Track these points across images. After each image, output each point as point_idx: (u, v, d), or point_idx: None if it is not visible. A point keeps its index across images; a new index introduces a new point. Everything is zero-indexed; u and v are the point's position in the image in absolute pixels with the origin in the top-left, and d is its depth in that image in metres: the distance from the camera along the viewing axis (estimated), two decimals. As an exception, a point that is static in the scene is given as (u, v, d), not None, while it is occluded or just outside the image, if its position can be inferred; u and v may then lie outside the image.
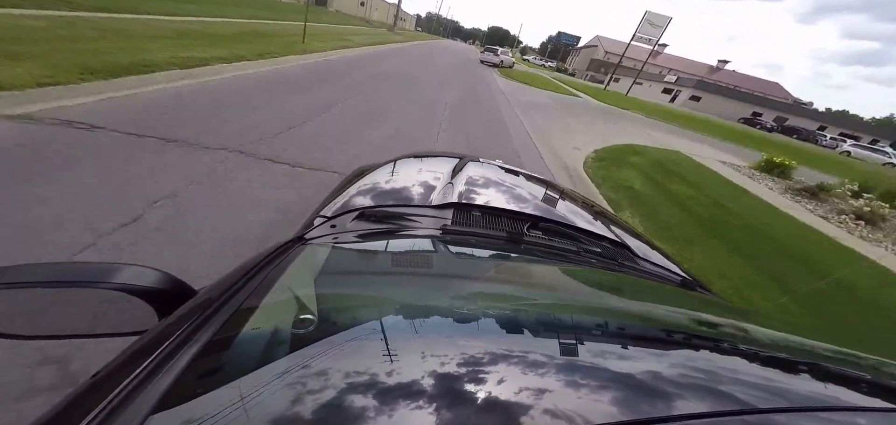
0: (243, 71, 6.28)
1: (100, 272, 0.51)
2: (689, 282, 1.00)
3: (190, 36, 7.56)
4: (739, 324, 0.69)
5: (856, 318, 3.18)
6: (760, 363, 0.50)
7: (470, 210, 1.03)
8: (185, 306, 0.52)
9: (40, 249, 1.76)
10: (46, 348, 1.34)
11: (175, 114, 3.75)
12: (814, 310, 3.12)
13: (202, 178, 2.72)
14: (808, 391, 0.44)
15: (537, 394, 0.35)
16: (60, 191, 2.18)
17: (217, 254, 2.03)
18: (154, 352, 0.39)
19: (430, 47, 31.24)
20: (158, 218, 2.19)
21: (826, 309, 3.20)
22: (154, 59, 5.09)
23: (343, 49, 12.47)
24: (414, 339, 0.44)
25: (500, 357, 0.41)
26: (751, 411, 0.35)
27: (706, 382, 0.41)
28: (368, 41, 17.91)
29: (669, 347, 0.53)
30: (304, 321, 0.47)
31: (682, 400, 0.36)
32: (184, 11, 10.31)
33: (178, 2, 11.44)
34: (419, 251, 0.81)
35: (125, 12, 7.97)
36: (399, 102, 7.22)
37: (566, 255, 0.88)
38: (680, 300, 0.85)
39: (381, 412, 0.32)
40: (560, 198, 1.40)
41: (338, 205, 1.06)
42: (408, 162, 1.52)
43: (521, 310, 0.59)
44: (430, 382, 0.36)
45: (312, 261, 0.68)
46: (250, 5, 17.49)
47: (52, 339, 0.55)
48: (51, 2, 6.61)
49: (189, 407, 0.34)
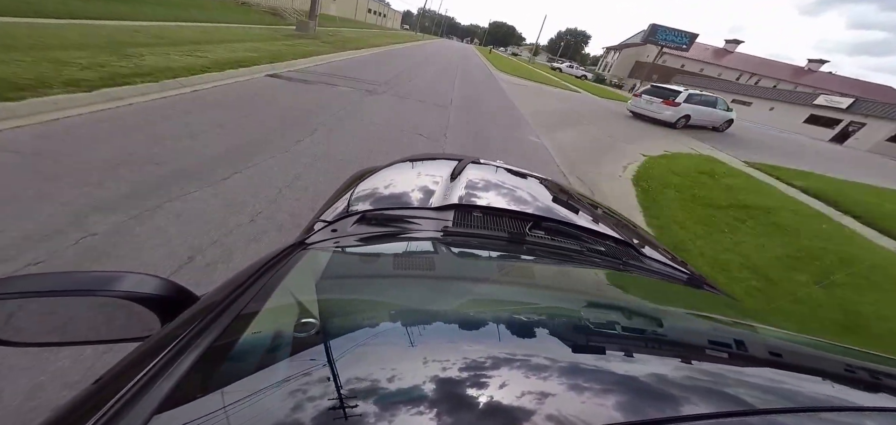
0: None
1: (103, 280, 0.52)
2: (695, 280, 0.99)
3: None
4: (747, 323, 0.68)
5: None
6: (767, 363, 0.50)
7: (471, 211, 1.03)
8: (188, 312, 0.52)
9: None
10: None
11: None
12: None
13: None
14: (815, 391, 0.44)
15: (541, 398, 0.35)
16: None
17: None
18: (156, 357, 0.39)
19: (404, 56, 17.32)
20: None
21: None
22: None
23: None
24: (416, 343, 0.44)
25: (502, 360, 0.40)
26: (757, 411, 0.35)
27: (712, 383, 0.41)
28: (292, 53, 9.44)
29: (675, 347, 0.52)
30: (305, 325, 0.47)
31: (687, 401, 0.36)
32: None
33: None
34: (420, 254, 0.81)
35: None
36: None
37: (569, 255, 0.87)
38: (686, 298, 0.84)
39: (382, 417, 0.32)
40: (562, 197, 1.39)
41: (338, 209, 1.06)
42: (408, 164, 1.52)
43: (524, 312, 0.58)
44: (433, 387, 0.36)
45: (313, 265, 0.68)
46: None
47: (57, 346, 0.56)
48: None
49: (190, 411, 0.34)
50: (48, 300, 0.50)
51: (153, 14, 10.97)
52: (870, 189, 7.92)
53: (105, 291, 0.51)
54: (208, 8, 15.08)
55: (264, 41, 10.97)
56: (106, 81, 4.29)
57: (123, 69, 4.93)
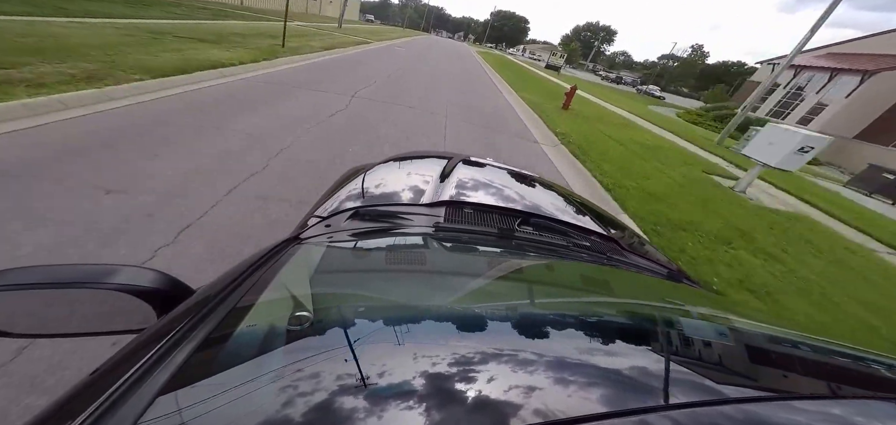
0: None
1: (99, 273, 0.52)
2: (675, 275, 1.02)
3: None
4: (724, 316, 0.70)
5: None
6: (744, 354, 0.52)
7: (462, 207, 1.04)
8: (184, 305, 0.53)
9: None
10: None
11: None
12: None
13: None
14: (789, 381, 0.46)
15: (527, 391, 0.36)
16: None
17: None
18: (152, 349, 0.40)
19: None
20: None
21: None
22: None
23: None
24: (407, 337, 0.45)
25: (491, 355, 0.42)
26: (735, 400, 0.37)
27: (691, 374, 0.42)
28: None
29: (656, 340, 0.54)
30: (298, 319, 0.48)
31: (667, 392, 0.38)
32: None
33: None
34: (412, 249, 0.82)
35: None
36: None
37: (556, 250, 0.89)
38: (667, 292, 0.86)
39: (373, 409, 0.33)
40: (550, 194, 1.41)
41: (332, 205, 1.07)
42: (401, 162, 1.53)
43: (512, 307, 0.60)
44: (423, 380, 0.37)
45: (307, 260, 0.69)
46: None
47: (53, 337, 0.57)
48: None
49: (186, 402, 0.35)
50: (44, 292, 0.51)
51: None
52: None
53: (101, 284, 0.51)
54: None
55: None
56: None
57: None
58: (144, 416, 0.32)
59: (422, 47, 29.11)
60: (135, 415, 0.32)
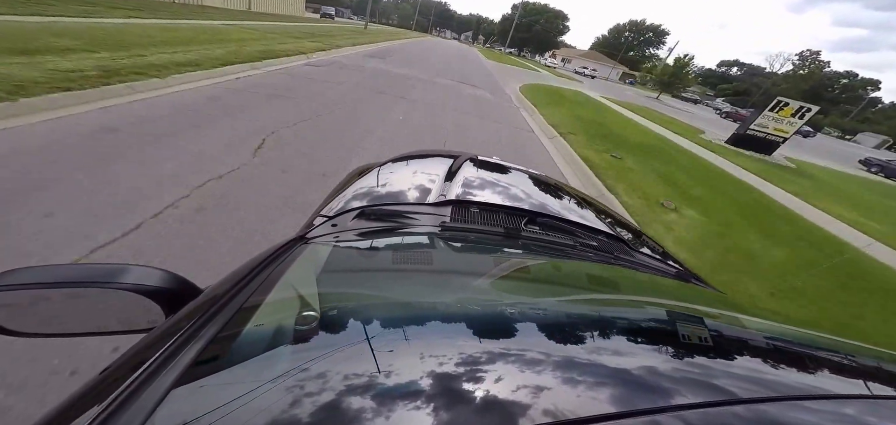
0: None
1: (108, 273, 0.53)
2: (684, 275, 1.00)
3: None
4: (734, 316, 0.69)
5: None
6: (754, 354, 0.51)
7: (468, 206, 1.04)
8: (191, 304, 0.53)
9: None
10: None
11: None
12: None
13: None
14: (800, 381, 0.45)
15: (536, 390, 0.35)
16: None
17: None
18: (161, 348, 0.40)
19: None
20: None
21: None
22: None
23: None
24: (414, 337, 0.45)
25: (499, 354, 0.41)
26: (744, 401, 0.36)
27: (701, 374, 0.42)
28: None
29: (665, 340, 0.53)
30: (305, 319, 0.48)
31: (677, 392, 0.37)
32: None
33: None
34: (418, 249, 0.82)
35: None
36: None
37: (563, 250, 0.89)
38: (676, 292, 0.86)
39: (381, 409, 0.33)
40: (557, 193, 1.40)
41: (338, 204, 1.07)
42: (407, 161, 1.53)
43: (520, 306, 0.59)
44: (430, 380, 0.36)
45: (313, 259, 0.69)
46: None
47: (64, 336, 0.57)
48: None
49: (194, 401, 0.35)
50: (54, 291, 0.51)
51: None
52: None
53: (110, 283, 0.52)
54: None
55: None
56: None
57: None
58: (155, 414, 0.32)
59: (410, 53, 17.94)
60: (145, 413, 0.32)
